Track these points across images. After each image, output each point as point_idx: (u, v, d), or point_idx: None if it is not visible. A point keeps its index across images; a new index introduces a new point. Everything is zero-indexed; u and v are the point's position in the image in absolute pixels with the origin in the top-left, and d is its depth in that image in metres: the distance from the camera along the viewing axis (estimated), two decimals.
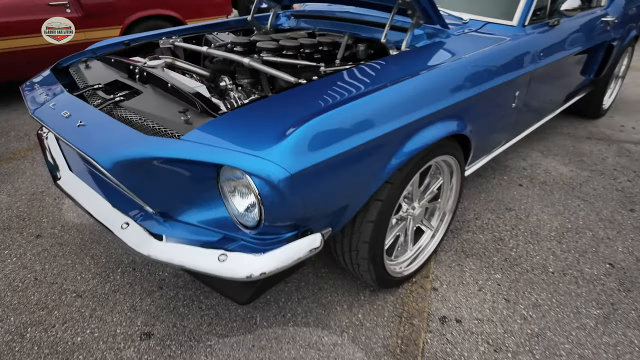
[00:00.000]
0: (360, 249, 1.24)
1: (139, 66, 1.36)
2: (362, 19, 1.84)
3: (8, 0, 3.25)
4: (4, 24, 3.01)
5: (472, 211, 1.96)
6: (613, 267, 1.60)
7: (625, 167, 2.37)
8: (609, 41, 2.43)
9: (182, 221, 1.05)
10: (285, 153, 0.88)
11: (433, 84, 1.25)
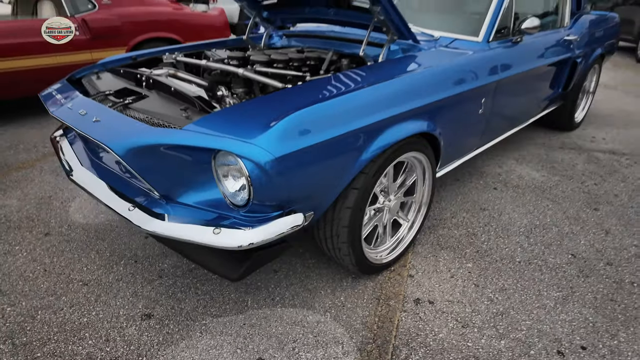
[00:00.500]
0: (340, 233, 1.39)
1: (146, 74, 1.55)
2: (345, 37, 2.06)
3: (22, 23, 3.51)
4: (18, 45, 3.23)
5: (449, 211, 2.12)
6: (575, 257, 1.76)
7: (593, 172, 2.56)
8: (573, 58, 2.66)
9: (182, 203, 1.21)
10: (271, 140, 1.05)
11: (402, 87, 1.44)
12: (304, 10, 2.10)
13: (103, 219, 2.04)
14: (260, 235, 1.11)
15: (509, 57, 1.98)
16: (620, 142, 3.07)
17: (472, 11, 2.12)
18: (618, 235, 1.91)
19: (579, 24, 2.81)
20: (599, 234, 1.92)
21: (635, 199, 2.24)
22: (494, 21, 1.95)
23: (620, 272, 1.66)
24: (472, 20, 2.03)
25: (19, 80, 3.33)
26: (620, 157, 2.80)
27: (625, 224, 2.00)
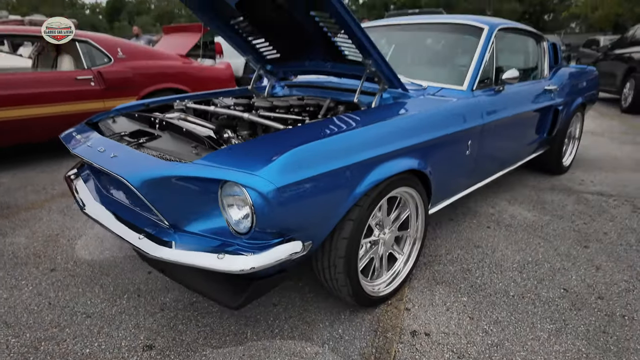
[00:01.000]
0: (337, 263, 1.46)
1: (159, 117, 1.70)
2: (341, 87, 2.25)
3: (40, 74, 3.77)
4: (35, 94, 3.46)
5: (444, 248, 2.19)
6: (567, 292, 1.80)
7: (582, 212, 2.65)
8: (555, 106, 2.86)
9: (188, 231, 1.30)
10: (273, 172, 1.17)
11: (393, 128, 1.58)
12: (304, 64, 2.31)
13: (108, 255, 2.10)
14: (262, 261, 1.18)
15: (492, 104, 2.15)
16: (608, 184, 3.19)
17: (457, 63, 2.33)
18: (608, 271, 1.96)
19: (558, 75, 3.04)
20: (590, 270, 1.97)
21: (624, 237, 2.31)
22: (477, 72, 2.15)
23: (612, 305, 1.70)
24: (457, 71, 2.23)
25: (35, 126, 3.53)
26: (608, 198, 2.91)
27: (615, 260, 2.05)
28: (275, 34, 2.16)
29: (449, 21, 2.51)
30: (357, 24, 1.61)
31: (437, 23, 2.56)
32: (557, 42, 10.48)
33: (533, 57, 2.95)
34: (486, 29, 2.30)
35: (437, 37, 2.55)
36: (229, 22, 2.18)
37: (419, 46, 2.61)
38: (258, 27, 2.14)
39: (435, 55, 2.53)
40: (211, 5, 2.06)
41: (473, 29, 2.34)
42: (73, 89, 3.67)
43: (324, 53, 2.07)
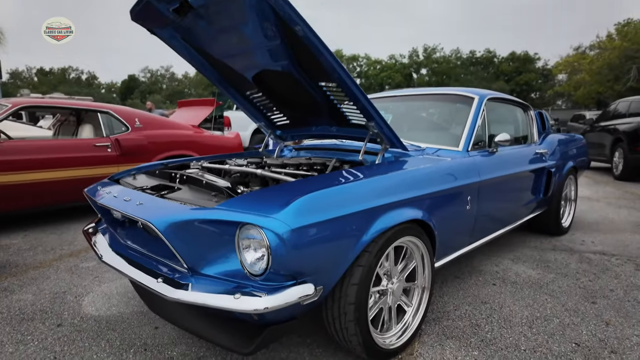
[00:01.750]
0: (347, 310, 1.48)
1: (179, 172, 1.83)
2: (346, 148, 2.43)
3: (63, 141, 4.02)
4: (56, 159, 3.67)
5: (452, 304, 2.18)
6: (579, 346, 1.78)
7: (586, 270, 2.67)
8: (547, 168, 3.02)
9: (204, 274, 1.35)
10: (288, 214, 1.26)
11: (395, 181, 1.71)
12: (311, 129, 2.52)
13: (115, 311, 2.10)
14: (275, 301, 1.22)
15: (487, 163, 2.30)
16: (609, 245, 3.24)
17: (452, 128, 2.54)
18: (619, 327, 1.94)
19: (547, 141, 3.26)
20: (600, 325, 1.95)
21: (630, 293, 2.31)
22: (471, 134, 2.34)
23: (625, 359, 1.67)
24: (453, 134, 2.42)
25: (53, 191, 3.68)
26: (610, 257, 2.94)
27: (625, 316, 2.04)
28: (286, 103, 2.39)
29: (443, 92, 2.77)
30: (361, 91, 1.82)
31: (432, 94, 2.83)
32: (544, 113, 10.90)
33: (522, 124, 3.19)
34: (477, 98, 2.54)
35: (433, 105, 2.80)
36: (245, 93, 2.43)
37: (416, 114, 2.86)
38: (271, 97, 2.38)
39: (431, 121, 2.76)
40: (230, 78, 2.32)
41: (465, 98, 2.59)
42: (91, 154, 3.90)
43: (330, 118, 2.28)
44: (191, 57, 2.16)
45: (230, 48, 2.00)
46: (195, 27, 1.87)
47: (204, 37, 1.95)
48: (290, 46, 1.79)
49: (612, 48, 23.13)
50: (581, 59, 26.62)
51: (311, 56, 1.69)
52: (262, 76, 2.16)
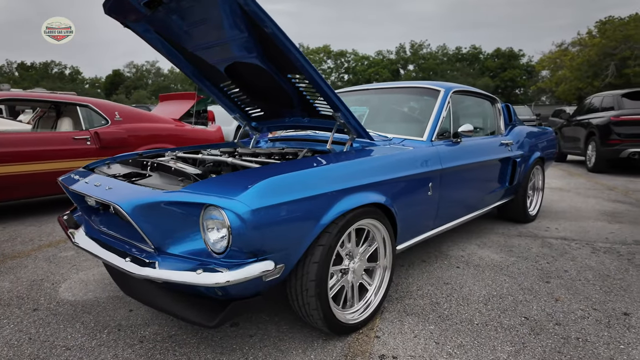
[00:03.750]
0: (308, 287, 1.58)
1: (151, 160, 1.90)
2: (318, 139, 2.52)
3: (42, 134, 4.02)
4: (34, 152, 3.68)
5: (415, 285, 2.31)
6: (527, 319, 1.92)
7: (546, 254, 2.83)
8: (512, 158, 3.17)
9: (171, 253, 1.44)
10: (248, 196, 1.35)
11: (359, 166, 1.81)
12: (284, 120, 2.61)
13: (91, 296, 2.17)
14: (236, 276, 1.32)
15: (450, 153, 2.43)
16: (571, 231, 3.41)
17: (418, 119, 2.65)
18: (567, 302, 2.09)
19: (513, 132, 3.41)
20: (550, 302, 2.10)
21: (582, 273, 2.47)
22: (435, 125, 2.46)
23: (568, 330, 1.82)
24: (418, 126, 2.54)
25: (32, 183, 3.69)
26: (570, 242, 3.11)
27: (574, 293, 2.19)
28: (259, 94, 2.47)
29: (411, 85, 2.89)
30: (325, 83, 1.92)
31: (400, 87, 2.94)
32: (529, 112, 11.39)
33: (489, 116, 3.33)
34: (442, 91, 2.66)
35: (402, 98, 2.92)
36: (219, 86, 2.50)
37: (385, 106, 2.97)
38: (244, 89, 2.46)
39: (399, 113, 2.87)
40: (205, 72, 2.39)
41: (431, 91, 2.71)
42: (70, 147, 3.92)
43: (301, 109, 2.37)
44: (167, 51, 2.23)
45: (201, 41, 2.07)
46: (168, 20, 1.94)
47: (177, 30, 2.02)
48: (258, 40, 1.87)
49: (592, 45, 23.67)
50: (563, 56, 27.18)
51: (277, 49, 1.77)
52: (235, 69, 2.23)
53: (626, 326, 1.85)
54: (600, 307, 2.03)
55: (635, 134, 6.53)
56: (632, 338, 1.74)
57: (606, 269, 2.54)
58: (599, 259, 2.71)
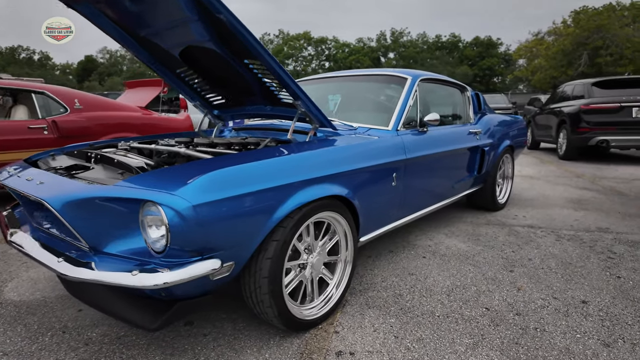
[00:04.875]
0: (261, 284, 1.52)
1: (95, 152, 1.78)
2: (282, 128, 2.43)
3: None
4: None
5: (380, 276, 2.27)
6: (488, 310, 1.91)
7: (512, 242, 2.84)
8: (481, 147, 3.16)
9: (109, 253, 1.34)
10: (190, 191, 1.26)
11: (318, 157, 1.74)
12: (246, 108, 2.50)
13: (38, 296, 2.04)
14: (176, 277, 1.23)
15: (416, 142, 2.38)
16: (538, 219, 3.45)
17: (384, 108, 2.59)
18: (528, 291, 2.10)
19: (483, 121, 3.40)
20: (512, 291, 2.10)
21: (546, 261, 2.49)
22: (401, 114, 2.40)
23: (527, 320, 1.82)
24: (384, 115, 2.47)
25: None
26: (536, 229, 3.14)
27: (536, 282, 2.20)
28: (218, 81, 2.35)
29: (378, 73, 2.82)
30: (282, 69, 1.82)
31: (367, 75, 2.86)
32: (505, 100, 11.49)
33: (457, 104, 3.30)
34: (409, 79, 2.60)
35: (367, 86, 2.84)
36: (175, 72, 2.37)
37: (351, 95, 2.89)
38: (202, 75, 2.33)
39: (365, 102, 2.80)
40: (160, 58, 2.25)
41: (398, 79, 2.64)
42: (25, 137, 3.70)
43: (263, 97, 2.27)
44: (120, 37, 2.08)
45: (152, 25, 1.93)
46: (113, 3, 1.80)
47: (125, 13, 1.88)
48: (210, 23, 1.76)
49: (566, 35, 24.11)
50: (539, 45, 27.62)
51: (230, 33, 1.66)
52: (190, 53, 2.11)
53: (584, 315, 1.86)
54: (560, 296, 2.04)
55: (603, 122, 6.68)
56: (588, 327, 1.76)
57: (569, 257, 2.57)
58: (563, 247, 2.75)
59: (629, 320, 1.80)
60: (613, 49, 22.55)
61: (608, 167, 6.43)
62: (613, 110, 6.60)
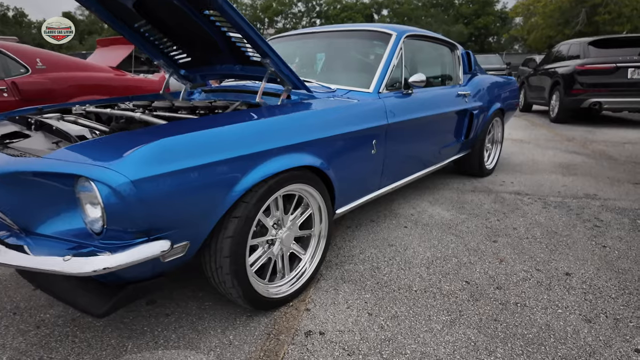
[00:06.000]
0: (223, 264, 1.39)
1: (35, 118, 1.58)
2: (256, 90, 2.22)
3: None
4: None
5: (359, 248, 2.17)
6: (468, 284, 1.83)
7: (497, 210, 2.75)
8: (469, 110, 2.98)
9: (41, 234, 1.19)
10: (129, 164, 1.09)
11: (286, 123, 1.56)
12: (215, 68, 2.27)
13: None
14: (118, 261, 1.09)
15: (399, 106, 2.20)
16: (525, 185, 3.36)
17: (366, 68, 2.38)
18: (510, 263, 2.02)
19: (473, 82, 3.20)
20: (494, 263, 2.02)
21: (530, 231, 2.41)
22: (384, 75, 2.20)
23: (507, 294, 1.74)
24: (366, 75, 2.27)
25: None
26: (523, 196, 3.05)
27: (519, 253, 2.12)
28: (181, 36, 2.11)
29: (360, 28, 2.57)
30: (247, 24, 1.60)
31: (348, 30, 2.62)
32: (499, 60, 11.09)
33: (447, 64, 3.08)
34: (394, 35, 2.37)
35: (348, 43, 2.61)
36: (133, 26, 2.12)
37: (331, 52, 2.66)
38: (162, 30, 2.09)
39: (346, 60, 2.58)
40: (115, 11, 2.00)
41: (382, 35, 2.41)
42: None
43: (231, 55, 2.05)
44: None
45: None
46: None
47: None
48: None
49: None
50: (536, 2, 26.63)
51: None
52: (145, 4, 1.86)
53: (566, 288, 1.79)
54: (543, 268, 1.97)
55: (598, 84, 6.48)
56: (570, 301, 1.69)
57: (554, 225, 2.49)
58: (549, 215, 2.66)
59: (612, 294, 1.74)
60: (612, 7, 21.86)
61: (599, 130, 6.33)
62: (608, 71, 6.40)
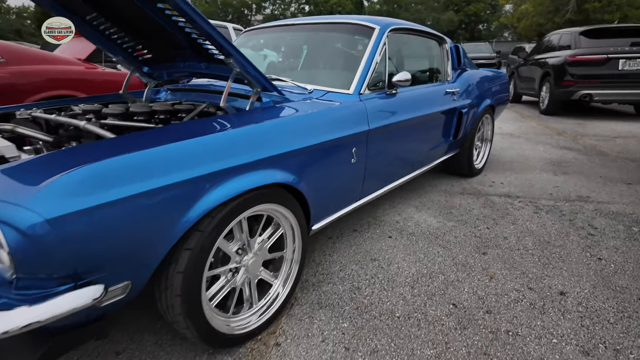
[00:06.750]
0: (174, 303, 1.21)
1: None
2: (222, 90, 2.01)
3: None
4: None
5: (339, 263, 2.00)
6: (456, 307, 1.67)
7: (487, 216, 2.60)
8: (459, 108, 2.81)
9: None
10: (45, 198, 0.89)
11: (246, 135, 1.35)
12: (179, 65, 2.05)
13: None
14: (37, 316, 0.90)
15: (382, 108, 2.01)
16: (516, 185, 3.22)
17: (346, 66, 2.18)
18: (501, 280, 1.87)
19: (462, 78, 3.01)
20: (483, 280, 1.87)
21: (522, 240, 2.27)
22: (365, 74, 2.00)
23: (498, 320, 1.59)
24: (345, 74, 2.07)
25: None
26: (513, 199, 2.90)
27: (510, 268, 1.98)
28: (140, 31, 1.88)
29: (340, 21, 2.36)
30: (202, 18, 1.39)
31: (327, 23, 2.40)
32: (489, 48, 10.86)
33: (434, 59, 2.89)
34: (377, 29, 2.17)
35: (328, 38, 2.39)
36: (85, 19, 1.89)
37: (309, 48, 2.44)
38: (117, 24, 1.86)
39: (325, 57, 2.37)
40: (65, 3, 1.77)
41: (364, 29, 2.21)
42: None
43: (194, 52, 1.83)
44: None
45: None
46: None
47: None
48: None
49: None
50: None
51: None
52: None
53: (561, 311, 1.65)
54: (536, 286, 1.82)
55: (588, 75, 6.36)
56: (566, 328, 1.54)
57: (547, 234, 2.35)
58: (541, 221, 2.52)
59: (610, 318, 1.60)
60: None
61: (590, 123, 6.23)
62: (599, 62, 6.26)
